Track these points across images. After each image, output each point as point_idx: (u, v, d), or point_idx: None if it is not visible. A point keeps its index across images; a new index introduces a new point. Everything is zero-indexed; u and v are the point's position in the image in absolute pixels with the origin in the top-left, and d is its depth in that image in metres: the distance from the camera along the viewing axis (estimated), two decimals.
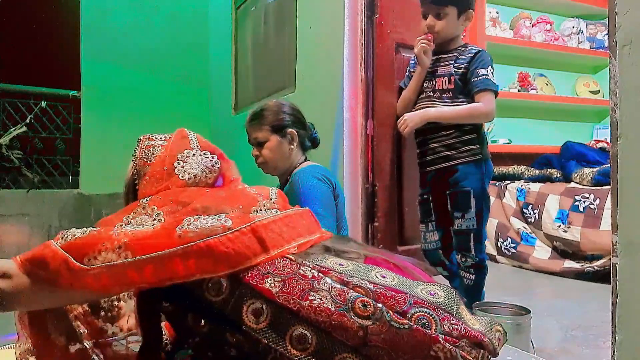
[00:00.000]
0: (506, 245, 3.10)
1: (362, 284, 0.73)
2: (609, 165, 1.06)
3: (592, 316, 2.01)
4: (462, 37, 1.93)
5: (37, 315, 1.02)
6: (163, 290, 0.78)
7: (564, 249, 2.85)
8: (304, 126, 1.80)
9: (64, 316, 1.01)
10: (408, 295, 0.72)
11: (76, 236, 0.88)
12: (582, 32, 3.46)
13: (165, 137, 1.14)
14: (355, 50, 2.38)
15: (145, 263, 0.75)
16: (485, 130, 1.93)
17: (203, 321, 0.79)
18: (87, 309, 1.05)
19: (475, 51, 1.82)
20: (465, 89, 1.80)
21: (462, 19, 1.83)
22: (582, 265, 2.72)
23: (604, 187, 2.71)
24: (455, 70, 1.82)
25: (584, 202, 2.76)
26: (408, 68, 2.06)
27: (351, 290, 0.72)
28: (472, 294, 1.76)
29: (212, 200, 0.88)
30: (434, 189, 1.90)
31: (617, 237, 1.01)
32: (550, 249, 2.93)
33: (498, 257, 3.14)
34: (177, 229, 0.78)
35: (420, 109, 1.89)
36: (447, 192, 1.83)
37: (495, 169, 3.14)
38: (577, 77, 3.59)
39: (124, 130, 4.22)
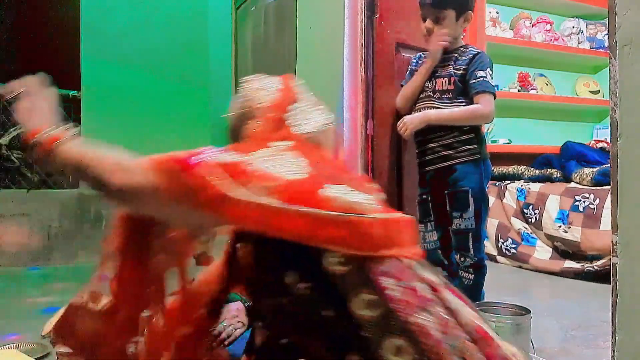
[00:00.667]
0: (507, 246, 3.10)
1: (466, 321, 0.74)
2: (609, 165, 1.06)
3: (592, 316, 2.01)
4: (462, 37, 1.93)
5: (139, 224, 0.97)
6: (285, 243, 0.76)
7: (564, 249, 2.85)
8: None
9: (164, 233, 0.99)
10: (495, 342, 0.74)
11: (226, 160, 0.80)
12: (582, 32, 3.46)
13: (274, 81, 1.05)
14: (355, 50, 2.38)
15: (299, 215, 0.73)
16: (484, 130, 1.94)
17: (303, 284, 0.78)
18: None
19: (475, 53, 1.83)
20: (464, 90, 1.81)
21: (461, 21, 1.83)
22: (582, 266, 2.71)
23: (604, 187, 2.71)
24: (455, 71, 1.82)
25: (584, 202, 2.76)
26: (410, 67, 2.06)
27: (457, 328, 0.72)
28: (472, 294, 1.76)
29: (347, 177, 0.87)
30: (432, 188, 1.91)
31: (617, 237, 1.01)
32: (551, 250, 2.93)
33: (498, 258, 3.14)
34: (322, 192, 0.75)
35: (420, 108, 1.90)
36: (446, 191, 1.83)
37: (495, 169, 3.14)
38: (577, 77, 3.59)
39: (124, 130, 4.22)
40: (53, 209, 4.04)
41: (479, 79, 1.76)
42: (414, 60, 2.03)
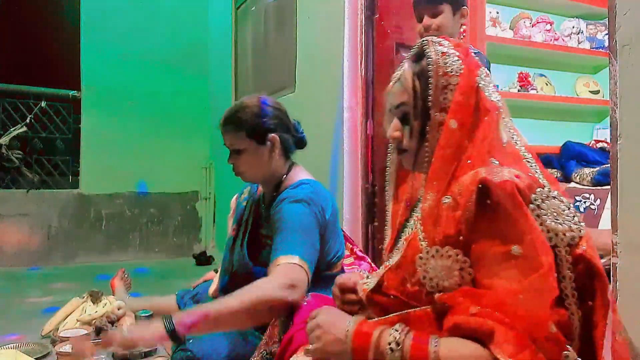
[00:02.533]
0: None
1: None
2: (609, 165, 1.06)
3: None
4: (461, 37, 1.93)
5: None
6: None
7: None
8: (287, 128, 1.51)
9: None
10: None
11: None
12: (582, 32, 3.46)
13: (453, 46, 0.88)
14: (355, 50, 2.38)
15: None
16: None
17: None
18: None
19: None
20: None
21: (458, 17, 1.83)
22: None
23: (604, 187, 2.71)
24: None
25: (584, 202, 2.76)
26: None
27: None
28: None
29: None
30: None
31: (617, 237, 1.01)
32: None
33: None
34: None
35: None
36: None
37: None
38: (577, 77, 3.58)
39: (124, 130, 4.22)
40: (53, 209, 4.04)
41: None
42: None
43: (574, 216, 0.79)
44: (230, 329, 1.26)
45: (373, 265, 1.60)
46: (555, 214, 0.76)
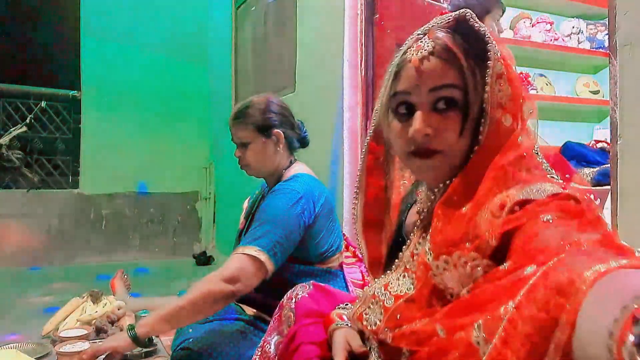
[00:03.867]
0: None
1: None
2: (609, 165, 1.06)
3: None
4: None
5: None
6: None
7: None
8: (292, 126, 1.62)
9: None
10: None
11: None
12: (582, 32, 3.46)
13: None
14: (355, 51, 2.38)
15: None
16: None
17: None
18: None
19: None
20: None
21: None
22: None
23: (604, 187, 2.71)
24: None
25: None
26: None
27: None
28: None
29: None
30: None
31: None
32: None
33: None
34: None
35: None
36: None
37: None
38: (577, 77, 3.58)
39: (124, 131, 4.22)
40: (53, 209, 4.04)
41: None
42: None
43: None
44: (186, 323, 1.33)
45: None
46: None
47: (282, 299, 1.05)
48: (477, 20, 0.68)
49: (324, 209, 1.48)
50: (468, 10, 0.69)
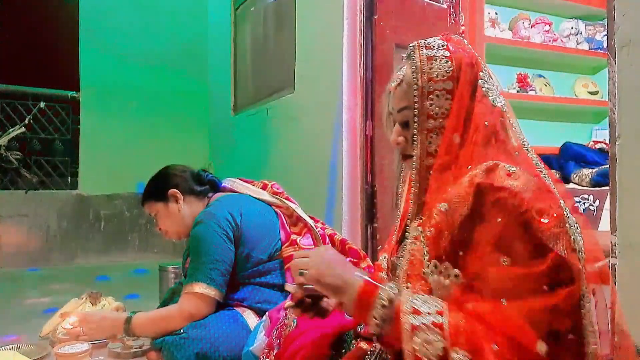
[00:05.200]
0: None
1: None
2: (607, 166, 1.06)
3: None
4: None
5: None
6: None
7: None
8: (184, 178, 1.69)
9: None
10: None
11: None
12: (581, 33, 3.46)
13: (443, 46, 0.85)
14: (355, 51, 2.38)
15: None
16: None
17: None
18: None
19: None
20: None
21: None
22: None
23: (603, 188, 2.71)
24: None
25: (583, 203, 2.76)
26: None
27: None
28: None
29: None
30: None
31: (615, 238, 1.01)
32: None
33: None
34: None
35: None
36: None
37: None
38: (576, 77, 3.58)
39: (123, 131, 4.22)
40: (52, 210, 4.03)
41: None
42: None
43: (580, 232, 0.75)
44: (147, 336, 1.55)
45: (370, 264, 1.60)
46: (577, 227, 0.73)
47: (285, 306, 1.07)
48: (422, 49, 0.85)
49: (248, 218, 1.56)
50: (417, 42, 0.87)
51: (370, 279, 0.76)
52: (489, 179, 0.73)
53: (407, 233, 0.89)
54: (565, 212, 0.72)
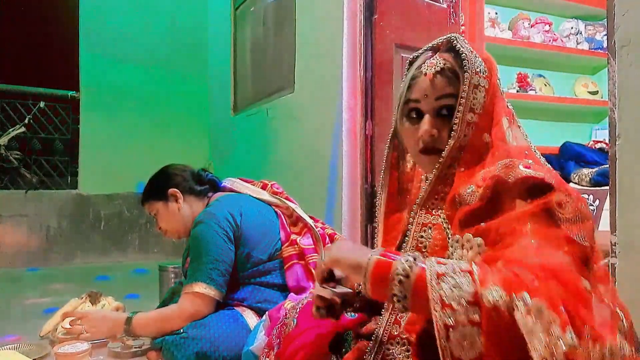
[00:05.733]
0: None
1: None
2: (607, 165, 1.06)
3: None
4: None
5: None
6: None
7: None
8: (184, 177, 1.69)
9: None
10: None
11: None
12: (580, 33, 3.46)
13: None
14: (354, 51, 2.38)
15: None
16: None
17: None
18: None
19: None
20: None
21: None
22: None
23: (603, 188, 2.71)
24: None
25: None
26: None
27: None
28: None
29: None
30: None
31: (615, 238, 1.01)
32: None
33: None
34: None
35: None
36: None
37: None
38: (576, 77, 3.59)
39: (123, 131, 4.22)
40: (51, 210, 4.03)
41: None
42: None
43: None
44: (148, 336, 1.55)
45: None
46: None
47: (285, 305, 1.07)
48: (464, 42, 0.84)
49: (248, 218, 1.56)
50: (455, 34, 0.86)
51: (385, 254, 0.71)
52: (509, 170, 0.73)
53: (410, 225, 0.89)
54: (588, 206, 0.71)
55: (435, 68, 0.85)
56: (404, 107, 0.88)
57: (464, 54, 0.82)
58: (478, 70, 0.82)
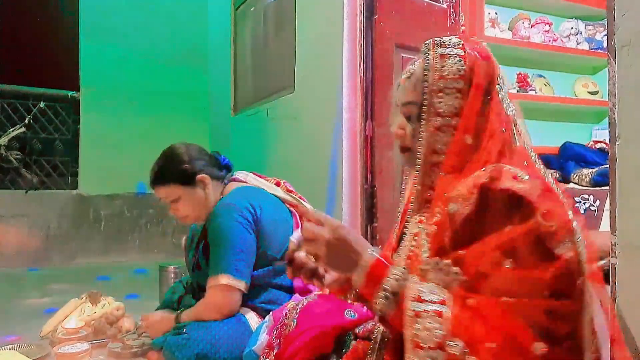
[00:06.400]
0: None
1: None
2: (607, 166, 1.06)
3: None
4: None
5: None
6: None
7: None
8: (210, 162, 1.63)
9: None
10: None
11: None
12: (581, 33, 3.46)
13: (459, 45, 0.85)
14: (355, 51, 2.38)
15: None
16: None
17: None
18: None
19: None
20: None
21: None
22: None
23: (603, 188, 2.71)
24: None
25: (584, 203, 2.76)
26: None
27: None
28: None
29: None
30: None
31: (615, 238, 1.01)
32: None
33: None
34: None
35: None
36: None
37: None
38: (576, 77, 3.58)
39: (123, 131, 4.22)
40: (52, 210, 4.03)
41: None
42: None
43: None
44: None
45: None
46: (582, 238, 0.72)
47: (287, 306, 1.07)
48: (437, 47, 0.84)
49: (268, 211, 1.53)
50: (432, 40, 0.86)
51: (382, 258, 0.77)
52: (494, 181, 0.72)
53: (405, 229, 0.89)
54: (573, 221, 0.71)
55: (405, 74, 0.89)
56: (395, 109, 0.93)
57: (425, 63, 0.84)
58: (444, 74, 0.82)
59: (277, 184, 1.71)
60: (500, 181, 0.72)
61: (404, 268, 0.77)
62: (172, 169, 1.55)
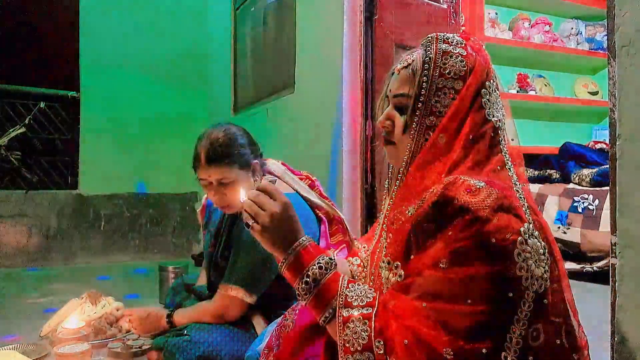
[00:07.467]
0: None
1: None
2: (607, 166, 1.06)
3: (592, 317, 2.01)
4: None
5: None
6: None
7: (564, 250, 2.85)
8: (259, 149, 1.60)
9: None
10: None
11: None
12: (581, 33, 3.47)
13: (461, 44, 0.82)
14: (355, 51, 2.38)
15: None
16: None
17: None
18: None
19: None
20: None
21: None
22: (581, 267, 2.72)
23: (603, 188, 2.71)
24: None
25: (583, 203, 2.77)
26: None
27: None
28: None
29: None
30: None
31: (616, 238, 1.01)
32: None
33: None
34: None
35: None
36: None
37: None
38: (576, 78, 3.59)
39: (123, 131, 4.22)
40: (51, 210, 4.03)
41: None
42: None
43: (547, 261, 0.74)
44: None
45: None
46: (536, 255, 0.71)
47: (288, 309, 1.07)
48: (440, 42, 0.82)
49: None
50: (436, 34, 0.84)
51: (313, 247, 0.81)
52: (448, 194, 0.71)
53: (384, 225, 0.90)
54: (523, 237, 0.70)
55: (402, 63, 0.86)
56: (383, 98, 0.92)
57: (427, 57, 0.81)
58: (446, 72, 0.80)
59: (311, 186, 1.64)
60: (454, 194, 0.71)
61: (332, 259, 0.80)
62: (234, 150, 1.45)
